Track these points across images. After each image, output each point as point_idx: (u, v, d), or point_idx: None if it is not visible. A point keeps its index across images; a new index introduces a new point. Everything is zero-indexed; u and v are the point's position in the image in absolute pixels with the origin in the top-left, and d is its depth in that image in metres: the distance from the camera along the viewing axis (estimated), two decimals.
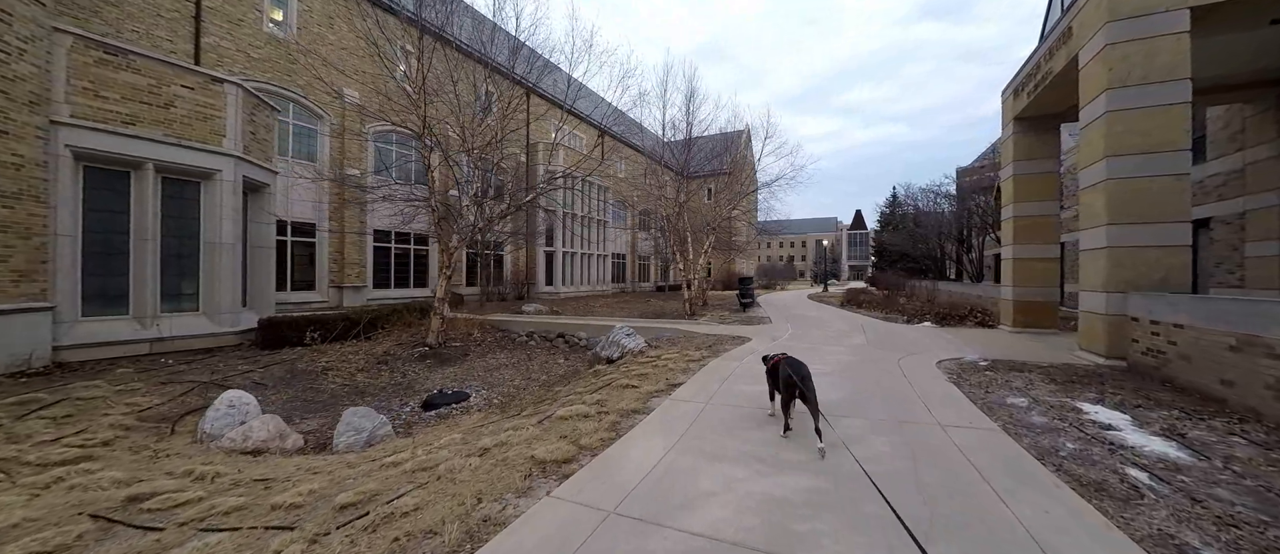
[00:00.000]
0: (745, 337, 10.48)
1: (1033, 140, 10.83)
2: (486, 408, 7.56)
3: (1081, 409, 4.93)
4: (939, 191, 29.36)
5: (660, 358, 8.63)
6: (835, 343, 9.61)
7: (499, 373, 10.13)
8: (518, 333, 13.78)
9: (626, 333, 10.23)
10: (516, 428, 5.01)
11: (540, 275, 27.42)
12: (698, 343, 10.05)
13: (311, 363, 9.74)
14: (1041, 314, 10.64)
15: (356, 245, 18.89)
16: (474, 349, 12.31)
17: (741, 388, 5.98)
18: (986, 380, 6.21)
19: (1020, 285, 10.84)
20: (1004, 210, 11.59)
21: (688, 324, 13.42)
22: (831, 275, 66.02)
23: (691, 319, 15.21)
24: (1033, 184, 10.81)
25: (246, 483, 4.36)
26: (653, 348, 9.95)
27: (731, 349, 9.13)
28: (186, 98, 9.34)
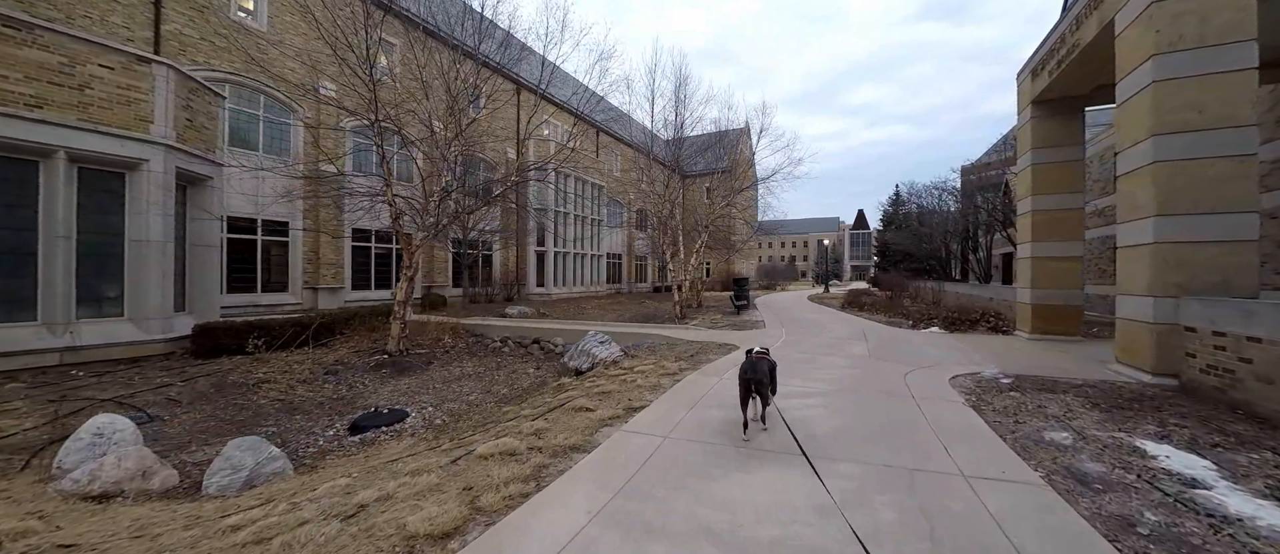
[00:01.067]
0: (732, 345, 9.33)
1: (1053, 125, 9.64)
2: (423, 431, 6.45)
3: (1145, 450, 3.78)
4: (944, 188, 28.06)
5: (633, 370, 7.51)
6: (833, 352, 8.45)
7: (458, 386, 9.03)
8: (492, 339, 12.68)
9: (600, 340, 9.11)
10: (417, 473, 3.90)
11: (531, 276, 26.35)
12: (679, 352, 8.92)
13: (248, 374, 8.67)
14: (1063, 319, 9.45)
15: (333, 245, 17.86)
16: (440, 357, 11.22)
17: (712, 415, 4.84)
18: (1014, 405, 5.05)
19: (1039, 287, 9.65)
20: (1020, 204, 10.40)
21: (674, 329, 12.29)
22: (834, 276, 64.70)
23: (680, 323, 14.09)
24: (1053, 174, 9.62)
25: (41, 551, 3.27)
26: (629, 357, 8.82)
27: (714, 360, 7.99)
28: (106, 79, 8.29)
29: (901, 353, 8.24)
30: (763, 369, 4.26)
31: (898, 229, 36.83)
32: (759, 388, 4.18)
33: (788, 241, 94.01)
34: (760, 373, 4.22)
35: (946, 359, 7.63)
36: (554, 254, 26.89)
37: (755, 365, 4.27)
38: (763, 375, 4.22)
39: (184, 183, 9.71)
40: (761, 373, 4.22)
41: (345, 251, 18.47)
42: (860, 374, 6.56)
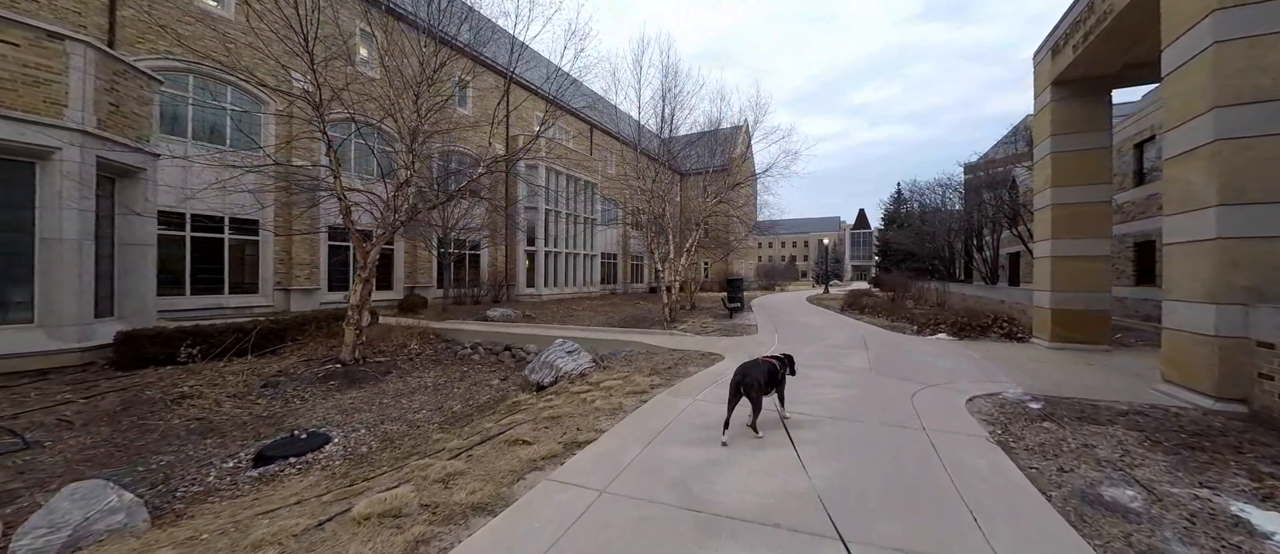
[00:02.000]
0: (716, 355, 8.28)
1: (1076, 109, 8.56)
2: (339, 462, 5.42)
3: (1250, 521, 2.72)
4: (948, 184, 26.92)
5: (598, 387, 6.48)
6: (829, 364, 7.38)
7: (408, 401, 8.01)
8: (462, 344, 11.66)
9: (567, 350, 8.07)
10: (258, 546, 2.87)
11: (520, 276, 25.33)
12: (656, 363, 7.88)
13: (171, 388, 7.67)
14: (1088, 326, 8.36)
15: (307, 244, 16.90)
16: (401, 366, 10.21)
17: (671, 455, 3.79)
18: (1051, 441, 3.98)
19: (1060, 289, 8.57)
20: (1038, 198, 9.32)
21: (659, 335, 11.24)
22: (834, 276, 63.51)
23: (668, 328, 13.05)
24: (1076, 163, 8.53)
25: None
26: (599, 369, 7.79)
27: (694, 373, 6.94)
28: (9, 57, 7.30)
29: (907, 365, 7.17)
30: (757, 373, 4.07)
31: (900, 228, 35.68)
32: (748, 391, 3.99)
33: (788, 241, 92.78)
34: (753, 376, 4.03)
35: (959, 373, 6.56)
36: (544, 254, 25.87)
37: (750, 367, 4.11)
38: (755, 379, 4.03)
39: (111, 175, 8.72)
40: (754, 376, 4.04)
41: (321, 251, 17.49)
42: (860, 395, 5.50)
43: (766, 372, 4.20)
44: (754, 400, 4.03)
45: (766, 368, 4.24)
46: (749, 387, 4.01)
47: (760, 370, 4.15)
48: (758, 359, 4.30)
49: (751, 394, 4.01)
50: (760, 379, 4.08)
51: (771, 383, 4.27)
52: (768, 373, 4.22)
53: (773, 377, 4.29)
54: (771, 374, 4.27)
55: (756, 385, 4.04)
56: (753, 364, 4.21)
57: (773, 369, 4.31)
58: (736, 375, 4.09)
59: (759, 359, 4.31)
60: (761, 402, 4.08)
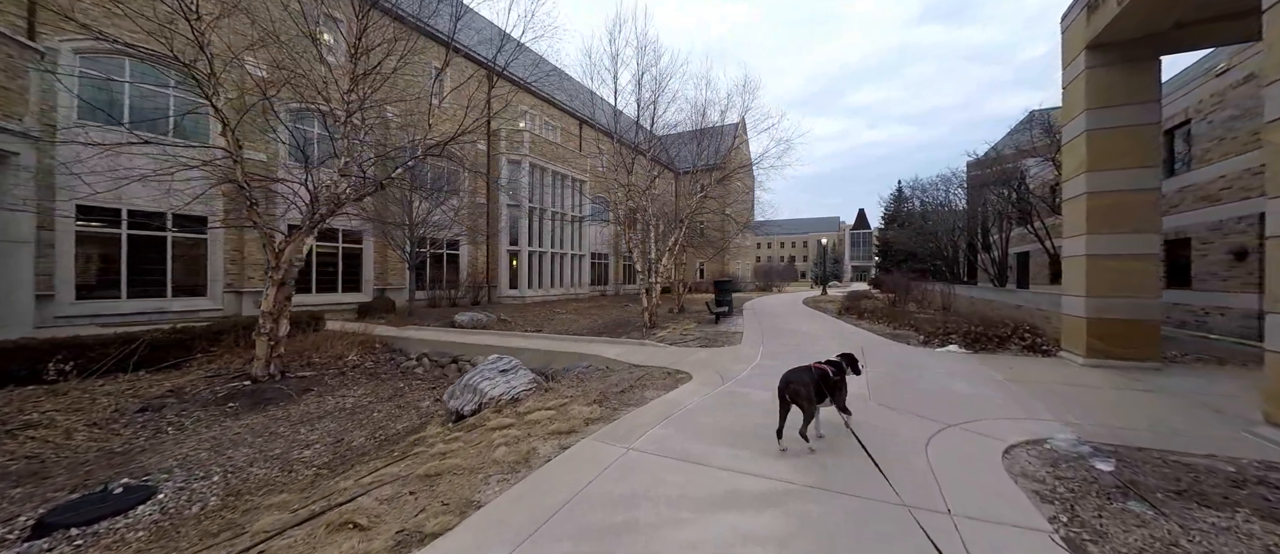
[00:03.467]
0: (684, 374, 6.80)
1: (1117, 77, 7.04)
2: (148, 531, 3.95)
3: None
4: (951, 180, 25.36)
5: (522, 420, 5.03)
6: None
7: (310, 429, 6.54)
8: (409, 355, 10.20)
9: (501, 368, 6.60)
10: None
11: (503, 277, 23.89)
12: (609, 385, 6.41)
13: (18, 413, 6.24)
14: (1133, 338, 6.83)
15: (261, 243, 15.44)
16: (327, 381, 8.76)
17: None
18: (1154, 545, 2.48)
19: (1098, 294, 7.04)
20: (1068, 185, 7.78)
21: (629, 345, 9.76)
22: (834, 276, 61.90)
23: (646, 335, 11.58)
24: (1118, 143, 7.00)
25: None
26: (539, 392, 6.32)
27: (646, 402, 5.48)
28: None
29: (915, 391, 5.66)
30: (803, 380, 3.84)
31: (901, 227, 34.07)
32: (797, 400, 3.79)
33: (786, 242, 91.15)
34: (799, 383, 3.83)
35: (984, 404, 5.05)
36: (528, 254, 24.42)
37: (795, 375, 3.89)
38: (805, 386, 3.81)
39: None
40: (801, 383, 3.82)
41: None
42: (853, 447, 4.00)
43: (815, 378, 3.89)
44: (805, 410, 3.77)
45: (815, 375, 3.91)
46: (796, 395, 3.80)
47: (807, 377, 3.87)
48: (807, 366, 4.02)
49: (801, 404, 3.78)
50: (808, 386, 3.81)
51: (826, 390, 3.95)
52: (817, 379, 3.89)
53: (825, 383, 3.95)
54: (821, 381, 3.93)
55: (804, 394, 3.78)
56: (800, 372, 3.94)
57: (823, 376, 3.96)
58: (781, 382, 3.91)
59: (809, 366, 4.02)
60: (815, 411, 3.82)
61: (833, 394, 4.02)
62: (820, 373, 3.95)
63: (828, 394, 3.98)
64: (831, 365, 4.09)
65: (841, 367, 4.18)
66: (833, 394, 4.02)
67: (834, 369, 4.07)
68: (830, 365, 4.08)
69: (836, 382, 4.05)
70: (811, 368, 3.98)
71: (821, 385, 3.91)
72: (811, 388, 3.80)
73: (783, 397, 3.82)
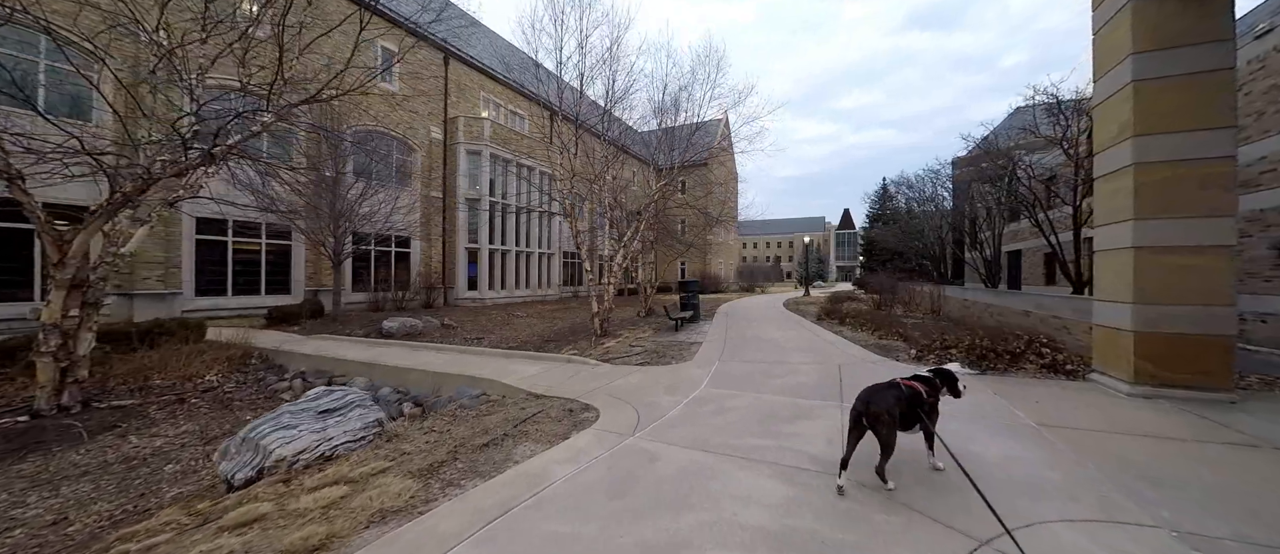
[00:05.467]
0: (591, 412, 4.80)
1: (1173, 10, 5.17)
2: None
3: None
4: (938, 176, 23.73)
5: (283, 510, 2.99)
6: (777, 435, 3.90)
7: (53, 491, 4.45)
8: (286, 373, 8.10)
9: (320, 408, 4.55)
10: None
11: (461, 278, 21.72)
12: (479, 431, 4.41)
13: None
14: (1201, 360, 4.96)
15: (158, 238, 13.20)
16: (153, 412, 6.65)
17: None
18: None
19: (1151, 299, 5.16)
20: (1104, 157, 5.90)
21: (552, 362, 7.76)
22: (818, 276, 60.42)
23: (594, 344, 9.62)
24: (1177, 96, 5.14)
25: None
26: (377, 440, 4.29)
27: (512, 464, 3.50)
28: None
29: (920, 452, 3.70)
30: (887, 400, 2.97)
31: (886, 225, 32.42)
32: (875, 425, 2.95)
33: (772, 242, 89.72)
34: (882, 406, 2.95)
35: (1023, 480, 3.11)
36: (489, 251, 22.27)
37: (877, 393, 3.04)
38: (889, 410, 2.94)
39: None
40: (885, 406, 2.95)
41: (184, 246, 13.84)
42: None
43: (904, 399, 3.01)
44: (884, 439, 2.91)
45: (904, 394, 3.03)
46: (875, 420, 2.93)
47: (894, 399, 2.98)
48: (893, 381, 3.13)
49: (878, 430, 2.92)
50: (893, 411, 2.93)
51: (915, 415, 3.01)
52: (906, 400, 3.01)
53: (916, 405, 3.02)
54: (913, 402, 3.03)
55: (888, 421, 2.91)
56: (884, 390, 3.04)
57: (914, 396, 3.05)
58: (858, 403, 3.04)
59: (897, 381, 3.13)
60: (894, 441, 2.94)
61: (923, 422, 3.07)
62: (909, 393, 3.07)
63: (918, 421, 3.05)
64: (925, 383, 3.19)
65: (937, 385, 3.24)
66: (923, 422, 3.07)
67: (929, 389, 3.16)
68: (924, 383, 3.18)
69: (931, 405, 3.14)
70: (900, 384, 3.12)
71: (914, 409, 3.03)
72: (897, 411, 2.96)
73: (857, 422, 3.02)
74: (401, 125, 19.86)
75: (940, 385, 3.27)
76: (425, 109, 21.09)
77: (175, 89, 7.83)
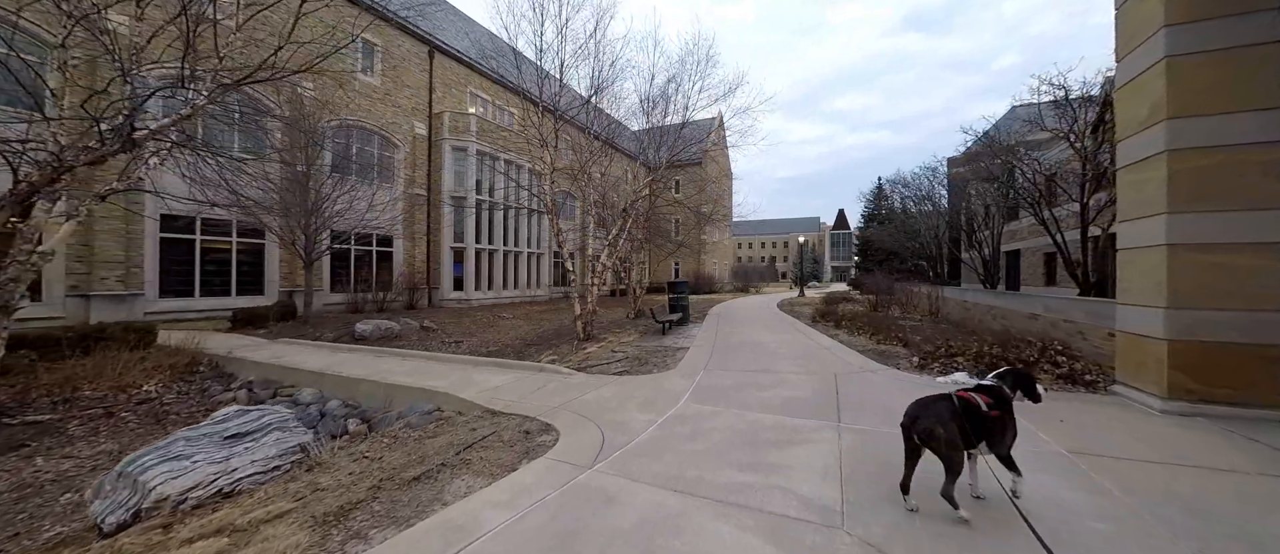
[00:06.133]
0: (551, 434, 4.13)
1: None
2: None
3: None
4: (935, 174, 23.20)
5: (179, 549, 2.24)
6: (757, 494, 3.23)
7: None
8: (235, 381, 7.39)
9: (227, 432, 3.86)
10: None
11: (446, 278, 20.99)
12: (414, 459, 3.73)
13: None
14: (1247, 372, 4.35)
15: (118, 236, 12.45)
16: (72, 428, 5.93)
17: None
18: None
19: (1188, 303, 4.54)
20: (1128, 145, 5.28)
21: (524, 371, 7.07)
22: (813, 277, 59.95)
23: (576, 349, 8.97)
24: (1217, 74, 4.52)
25: None
26: (296, 470, 3.62)
27: (443, 506, 2.80)
28: None
29: (931, 493, 3.05)
30: (939, 416, 2.51)
31: (881, 224, 31.87)
32: (930, 442, 2.52)
33: (767, 242, 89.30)
34: (930, 419, 2.52)
35: (1055, 511, 2.49)
36: (475, 251, 21.54)
37: (928, 407, 2.59)
38: (941, 424, 2.49)
39: None
40: (934, 419, 2.51)
41: (146, 244, 13.05)
42: None
43: (956, 414, 2.53)
44: (946, 457, 2.49)
45: (959, 408, 2.55)
46: (928, 436, 2.52)
47: (944, 412, 2.53)
48: (945, 395, 2.64)
49: (935, 446, 2.50)
50: (947, 425, 2.48)
51: (981, 430, 2.55)
52: (959, 414, 2.53)
53: (975, 420, 2.53)
54: (973, 416, 2.54)
55: (941, 436, 2.48)
56: (932, 405, 2.59)
57: (970, 410, 2.54)
58: (905, 417, 2.64)
59: (948, 394, 2.64)
60: (960, 460, 2.52)
61: (990, 437, 2.58)
62: (967, 405, 2.58)
63: (984, 437, 2.56)
64: (987, 391, 2.67)
65: (1004, 393, 2.69)
66: (990, 437, 2.58)
67: (991, 398, 2.62)
68: (984, 392, 2.66)
69: (995, 419, 2.57)
70: (953, 396, 2.62)
71: (970, 423, 2.54)
72: (953, 427, 2.50)
73: (908, 438, 2.62)
74: (383, 120, 19.11)
75: (1011, 394, 2.70)
76: (409, 104, 20.34)
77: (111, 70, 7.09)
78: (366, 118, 18.49)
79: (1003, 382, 2.76)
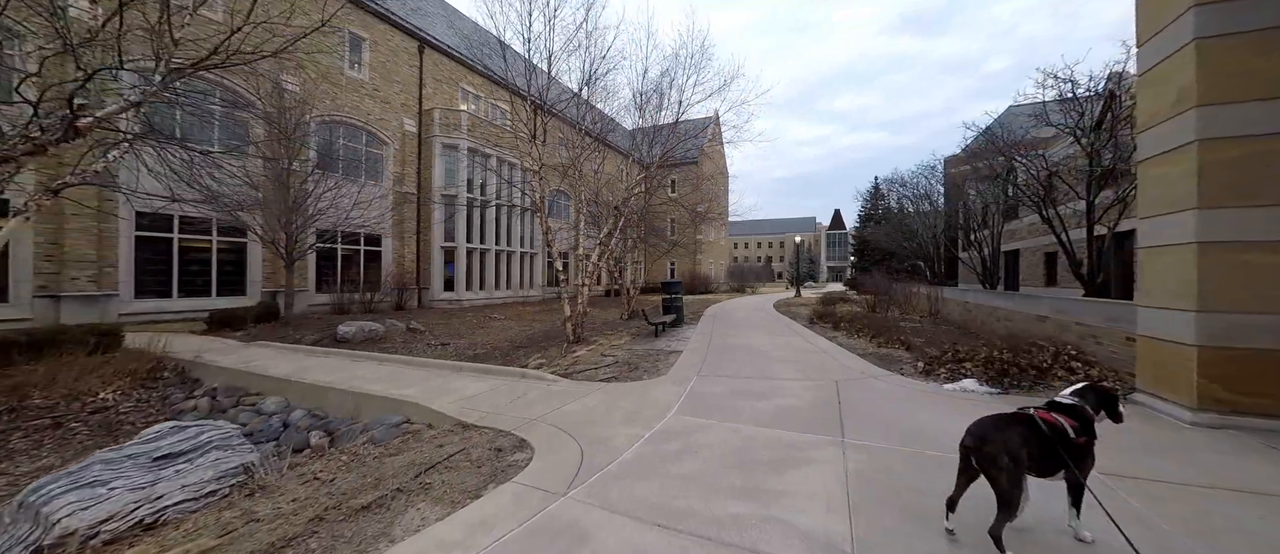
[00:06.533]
0: (525, 451, 3.70)
1: None
2: None
3: None
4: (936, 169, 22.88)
5: None
6: (752, 531, 2.81)
7: None
8: (200, 387, 6.92)
9: (156, 453, 3.45)
10: None
11: (437, 278, 20.50)
12: (369, 482, 3.31)
13: None
14: None
15: (90, 234, 11.94)
16: (15, 440, 5.47)
17: None
18: None
19: (1220, 307, 4.17)
20: (1147, 137, 4.91)
21: (507, 377, 6.65)
22: (809, 276, 59.76)
23: (566, 351, 8.57)
24: (1255, 56, 4.14)
25: None
26: (231, 496, 3.17)
27: (399, 538, 2.31)
28: None
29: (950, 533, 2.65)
30: (1009, 439, 2.12)
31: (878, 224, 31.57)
32: (990, 471, 2.13)
33: (763, 242, 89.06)
34: (998, 443, 2.13)
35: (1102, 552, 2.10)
36: (466, 250, 21.07)
37: (993, 426, 2.22)
38: (1010, 449, 2.10)
39: None
40: (1003, 443, 2.12)
41: (121, 243, 12.54)
42: None
43: (1030, 438, 2.14)
44: (1002, 491, 2.07)
45: (1040, 432, 2.15)
46: (989, 462, 2.13)
47: (1017, 436, 2.13)
48: (1014, 412, 2.29)
49: (997, 478, 2.09)
50: (1016, 450, 2.09)
51: (1050, 457, 2.14)
52: (1031, 439, 2.15)
53: (1052, 444, 2.14)
54: (1039, 439, 2.16)
55: (1007, 463, 2.07)
56: (1004, 424, 2.21)
57: (1056, 434, 2.15)
58: (968, 437, 2.25)
59: (1028, 410, 2.26)
60: (1017, 495, 2.07)
61: (1067, 464, 2.13)
62: (1051, 427, 2.13)
63: (1063, 466, 2.12)
64: (1068, 411, 2.23)
65: (1087, 415, 2.25)
66: (1067, 464, 2.13)
67: (1074, 420, 2.19)
68: (1065, 412, 2.23)
69: (1076, 445, 2.14)
70: (1036, 418, 2.19)
71: (1044, 448, 2.11)
72: (1022, 452, 2.07)
73: (966, 459, 2.24)
74: (371, 116, 18.61)
75: (1094, 415, 2.31)
76: (398, 100, 19.85)
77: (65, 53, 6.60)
78: (354, 114, 18.00)
79: (1084, 400, 2.34)
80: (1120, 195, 9.31)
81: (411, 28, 20.17)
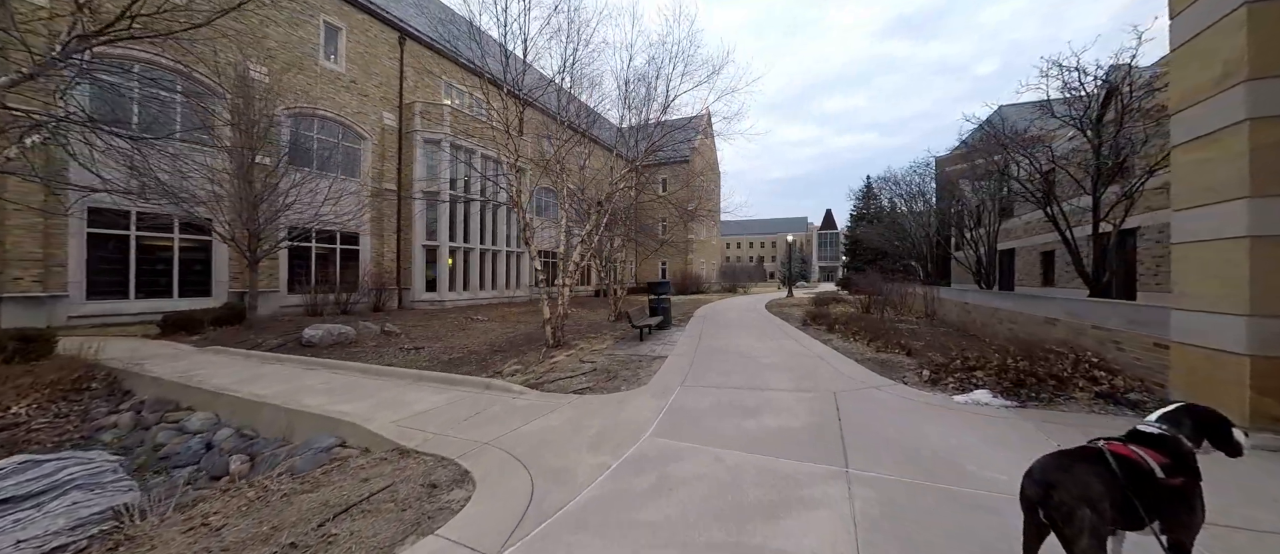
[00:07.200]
0: (465, 485, 3.01)
1: None
2: None
3: None
4: (927, 171, 22.47)
5: None
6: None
7: None
8: (128, 400, 6.16)
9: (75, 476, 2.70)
10: None
11: (418, 278, 19.69)
12: (262, 538, 2.54)
13: None
14: None
15: (34, 230, 11.05)
16: None
17: None
18: None
19: (1271, 312, 3.60)
20: (1181, 119, 4.34)
21: (470, 388, 5.97)
22: (801, 276, 59.45)
23: (545, 356, 7.91)
24: None
25: None
26: (99, 550, 2.42)
27: None
28: None
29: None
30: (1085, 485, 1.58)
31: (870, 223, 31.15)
32: (1061, 527, 1.56)
33: (755, 242, 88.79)
34: (1072, 491, 1.57)
35: None
36: (450, 249, 20.28)
37: (1064, 469, 1.64)
38: (1086, 499, 1.55)
39: None
40: (1078, 491, 1.56)
41: (71, 240, 11.66)
42: None
43: (1112, 485, 1.59)
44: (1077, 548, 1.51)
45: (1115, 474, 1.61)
46: (1067, 519, 1.55)
47: (1094, 480, 1.58)
48: (1094, 444, 1.73)
49: (1070, 535, 1.53)
50: (1095, 501, 1.55)
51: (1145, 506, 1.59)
52: (1113, 485, 1.59)
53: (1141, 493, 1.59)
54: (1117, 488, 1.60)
55: (1084, 517, 1.53)
56: (1073, 462, 1.65)
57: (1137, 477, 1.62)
58: (1030, 485, 1.67)
59: (1099, 444, 1.71)
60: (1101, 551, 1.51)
61: (1166, 515, 1.59)
62: (1135, 469, 1.59)
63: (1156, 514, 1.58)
64: (1155, 444, 1.65)
65: (1183, 448, 1.64)
66: (1166, 515, 1.59)
67: (1166, 457, 1.61)
68: (1151, 445, 1.65)
69: (1174, 489, 1.58)
70: (1107, 453, 1.64)
71: (1131, 497, 1.57)
72: (1104, 503, 1.54)
73: (1032, 516, 1.68)
74: (346, 109, 17.78)
75: (1193, 448, 1.69)
76: (377, 93, 19.04)
77: None
78: (329, 106, 17.16)
79: (1178, 428, 1.72)
80: (1127, 191, 8.82)
81: (391, 18, 19.36)
